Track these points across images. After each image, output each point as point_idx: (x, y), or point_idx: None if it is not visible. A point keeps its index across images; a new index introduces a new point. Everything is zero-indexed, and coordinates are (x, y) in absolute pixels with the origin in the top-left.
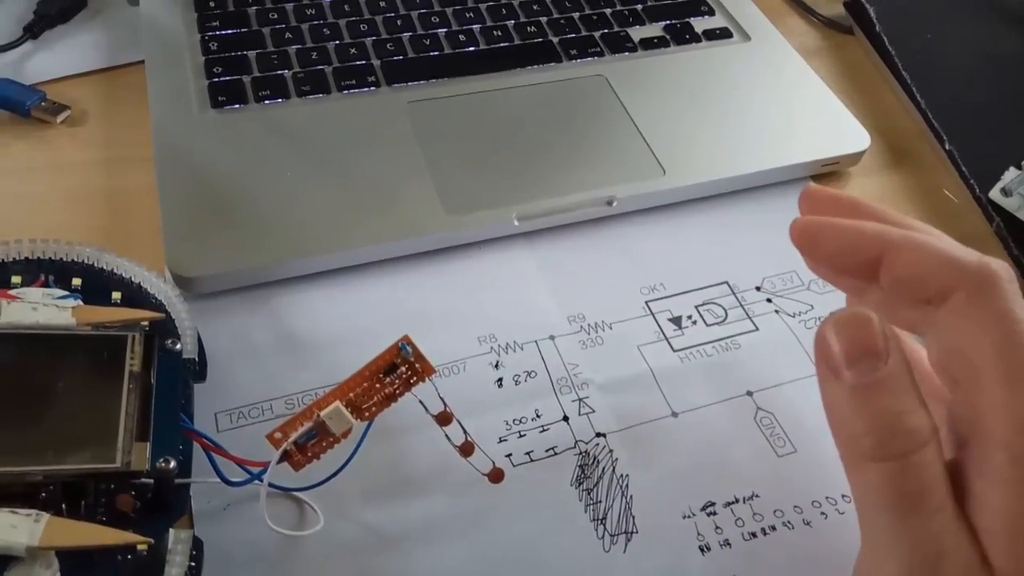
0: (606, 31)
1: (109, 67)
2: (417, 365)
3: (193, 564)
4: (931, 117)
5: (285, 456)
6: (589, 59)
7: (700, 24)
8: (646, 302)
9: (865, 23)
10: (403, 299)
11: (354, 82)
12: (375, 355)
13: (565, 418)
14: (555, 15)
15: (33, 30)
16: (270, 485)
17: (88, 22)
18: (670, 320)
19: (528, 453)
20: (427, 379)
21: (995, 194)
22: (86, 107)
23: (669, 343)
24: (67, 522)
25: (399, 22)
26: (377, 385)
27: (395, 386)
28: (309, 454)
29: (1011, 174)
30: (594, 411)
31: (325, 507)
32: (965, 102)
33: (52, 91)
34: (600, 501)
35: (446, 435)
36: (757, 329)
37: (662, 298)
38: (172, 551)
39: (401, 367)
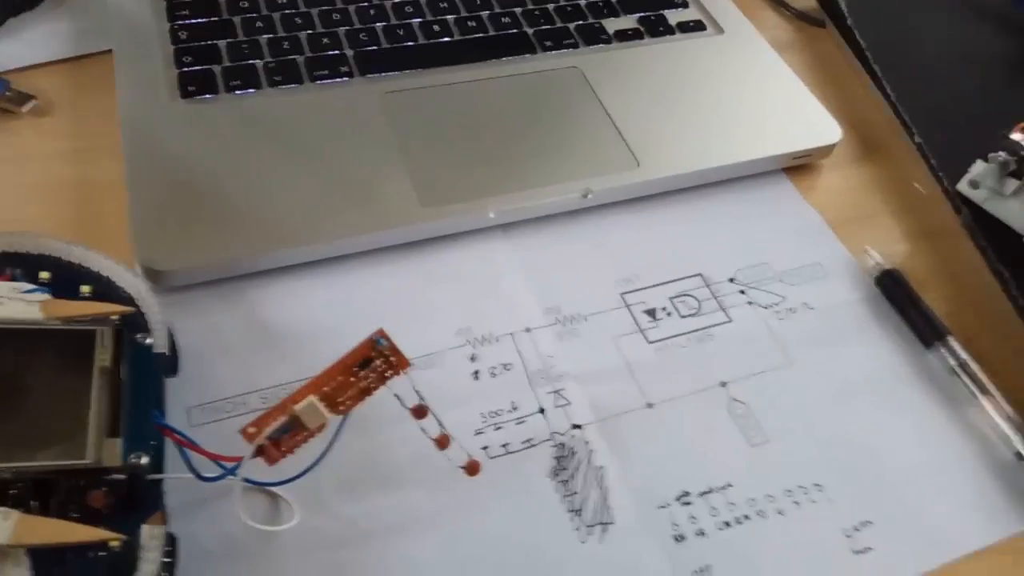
0: (581, 23)
1: (76, 56)
2: (392, 358)
3: (168, 560)
4: (900, 110)
5: (259, 451)
6: (564, 51)
7: (674, 16)
8: (621, 294)
9: (837, 16)
10: (378, 292)
11: (327, 72)
12: (350, 349)
13: (541, 410)
14: (529, 6)
15: None
16: (245, 480)
17: (55, 10)
18: (645, 312)
19: (504, 445)
20: (402, 372)
21: (963, 186)
22: (53, 97)
23: (644, 335)
24: (37, 519)
25: (372, 12)
26: (352, 379)
27: (370, 380)
28: (283, 449)
29: (979, 167)
30: (570, 403)
31: (301, 501)
32: (935, 95)
33: (17, 80)
34: (576, 492)
35: (422, 428)
36: (730, 320)
37: (637, 290)
38: (145, 547)
39: (376, 360)
